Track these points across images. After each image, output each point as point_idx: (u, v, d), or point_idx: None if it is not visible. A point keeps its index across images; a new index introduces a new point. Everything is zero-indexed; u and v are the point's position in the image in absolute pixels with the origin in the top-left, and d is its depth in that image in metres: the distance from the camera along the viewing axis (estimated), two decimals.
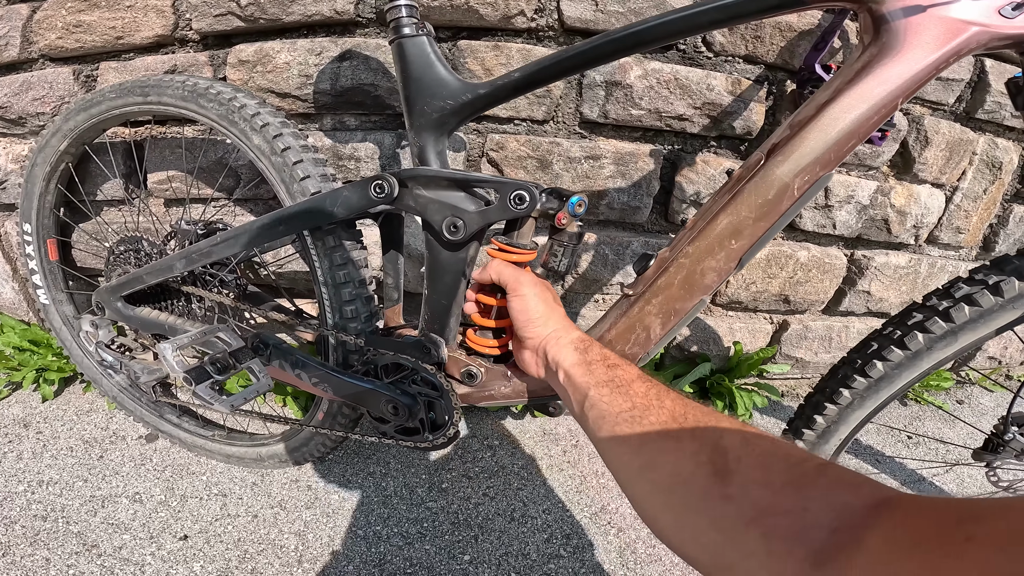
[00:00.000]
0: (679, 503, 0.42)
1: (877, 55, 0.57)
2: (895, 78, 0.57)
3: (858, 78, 0.58)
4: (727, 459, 0.40)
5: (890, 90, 0.57)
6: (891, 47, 0.57)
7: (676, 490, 0.42)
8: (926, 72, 0.57)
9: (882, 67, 0.57)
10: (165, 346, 0.68)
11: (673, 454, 0.44)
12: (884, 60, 0.57)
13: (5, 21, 1.18)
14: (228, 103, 0.87)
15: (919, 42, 0.56)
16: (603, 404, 0.52)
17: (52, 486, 1.14)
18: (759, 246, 0.63)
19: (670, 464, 0.43)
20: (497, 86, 0.71)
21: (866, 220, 1.31)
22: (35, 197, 1.10)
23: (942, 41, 0.55)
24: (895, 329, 0.76)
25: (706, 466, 0.40)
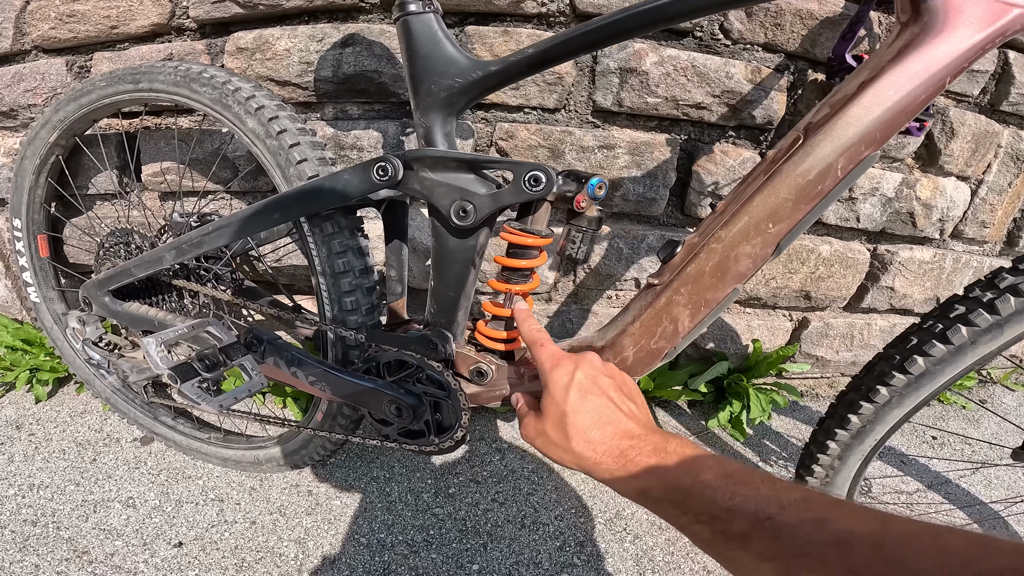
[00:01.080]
0: None
1: (919, 34, 0.56)
2: (941, 57, 0.55)
3: (901, 57, 0.56)
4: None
5: (937, 69, 0.56)
6: (933, 26, 0.55)
7: None
8: (971, 53, 0.55)
9: (926, 46, 0.56)
10: (149, 340, 0.64)
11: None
12: (927, 39, 0.55)
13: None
14: (222, 87, 0.83)
15: (962, 22, 0.55)
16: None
17: (43, 490, 1.10)
18: (798, 231, 0.59)
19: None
20: (510, 63, 0.67)
21: (891, 213, 1.26)
22: (25, 191, 1.07)
23: (986, 22, 0.55)
24: (936, 322, 0.71)
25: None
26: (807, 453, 0.89)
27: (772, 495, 0.39)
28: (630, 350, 0.66)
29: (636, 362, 0.67)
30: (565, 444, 0.52)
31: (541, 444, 0.56)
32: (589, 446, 0.50)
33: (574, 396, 0.53)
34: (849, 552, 0.34)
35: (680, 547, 1.05)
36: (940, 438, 1.45)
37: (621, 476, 0.47)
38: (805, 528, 0.36)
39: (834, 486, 0.87)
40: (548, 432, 0.54)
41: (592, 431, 0.51)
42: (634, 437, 0.49)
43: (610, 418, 0.51)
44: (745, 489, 0.40)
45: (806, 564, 0.35)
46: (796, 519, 0.37)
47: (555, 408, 0.54)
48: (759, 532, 0.38)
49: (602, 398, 0.53)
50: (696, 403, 1.47)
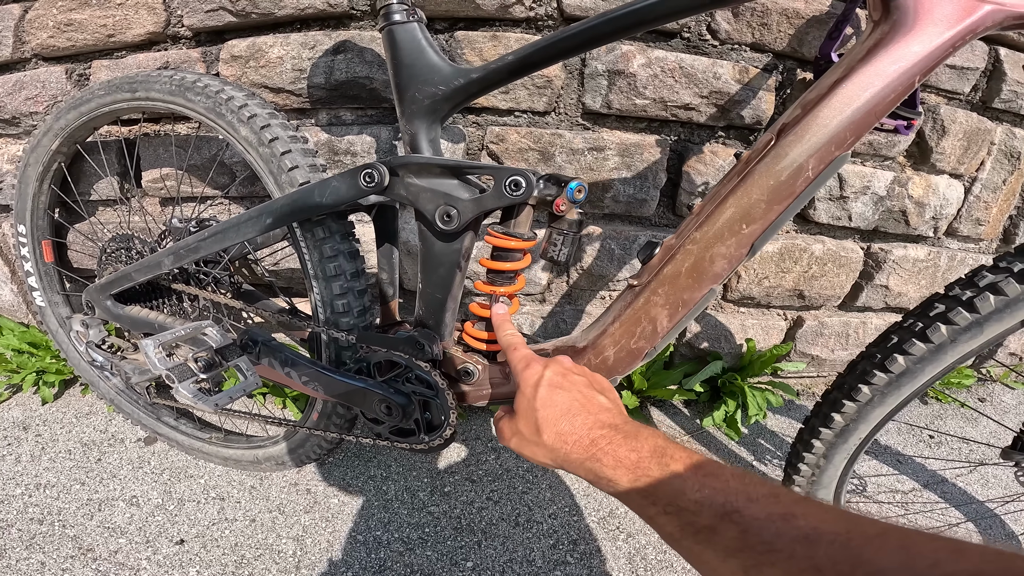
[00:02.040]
0: None
1: (889, 32, 0.56)
2: (910, 56, 0.55)
3: (871, 56, 0.57)
4: None
5: (906, 68, 0.56)
6: (903, 24, 0.55)
7: None
8: (941, 51, 0.55)
9: (895, 44, 0.56)
10: (147, 342, 0.66)
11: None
12: (897, 37, 0.56)
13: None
14: (215, 95, 0.85)
15: (932, 19, 0.55)
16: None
17: (49, 489, 1.13)
18: (772, 231, 0.59)
19: None
20: (491, 70, 0.68)
21: (883, 212, 1.26)
22: (29, 198, 1.09)
23: (955, 19, 0.54)
24: (916, 321, 0.72)
25: None
26: (794, 452, 0.90)
27: (741, 489, 0.39)
28: (611, 350, 0.68)
29: (617, 362, 0.68)
30: (537, 439, 0.52)
31: (516, 444, 0.56)
32: (560, 438, 0.50)
33: (543, 392, 0.54)
34: (815, 549, 0.34)
35: None
36: (936, 437, 1.45)
37: (591, 467, 0.47)
38: (773, 523, 0.36)
39: (820, 485, 0.87)
40: (521, 430, 0.54)
41: (562, 423, 0.51)
42: (604, 427, 0.49)
43: (579, 410, 0.52)
44: (714, 482, 0.40)
45: (772, 559, 0.35)
46: (764, 514, 0.37)
47: (526, 405, 0.54)
48: (726, 525, 0.37)
49: (571, 392, 0.54)
50: (691, 402, 1.48)
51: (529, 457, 0.55)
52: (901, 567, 0.31)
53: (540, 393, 0.53)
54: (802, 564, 0.34)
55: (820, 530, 0.34)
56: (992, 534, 1.15)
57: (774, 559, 0.35)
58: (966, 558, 0.29)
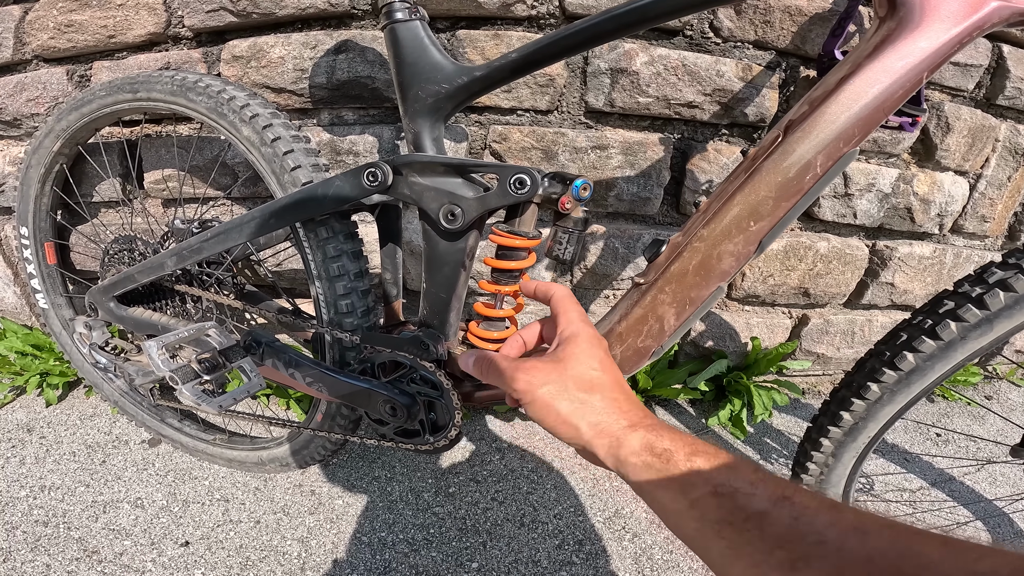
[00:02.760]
0: None
1: (896, 28, 0.56)
2: (918, 52, 0.55)
3: (878, 52, 0.56)
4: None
5: (913, 64, 0.55)
6: (909, 21, 0.55)
7: None
8: (948, 47, 0.55)
9: (902, 41, 0.55)
10: (151, 344, 0.66)
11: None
12: (904, 34, 0.55)
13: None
14: (217, 95, 0.85)
15: (939, 16, 0.54)
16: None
17: (54, 491, 1.13)
18: (780, 228, 0.59)
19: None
20: (494, 68, 0.68)
21: (888, 209, 1.25)
22: (31, 200, 1.09)
23: (962, 15, 0.54)
24: (926, 318, 0.71)
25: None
26: (802, 450, 0.89)
27: (788, 483, 0.38)
28: (617, 349, 0.67)
29: (624, 360, 0.68)
30: (585, 396, 0.46)
31: (549, 393, 0.47)
32: (615, 404, 0.46)
33: (603, 356, 0.50)
34: (866, 539, 0.33)
35: (679, 545, 1.05)
36: (944, 435, 1.45)
37: (642, 438, 0.43)
38: (825, 512, 0.35)
39: (829, 483, 0.87)
40: (567, 381, 0.48)
41: (617, 392, 0.47)
42: (651, 417, 0.46)
43: (630, 391, 0.49)
44: (763, 472, 0.39)
45: (822, 551, 0.33)
46: (814, 503, 0.35)
47: (583, 357, 0.49)
48: (779, 511, 0.35)
49: (620, 373, 0.51)
50: (697, 401, 1.47)
51: (559, 411, 0.47)
52: (949, 558, 0.30)
53: (601, 355, 0.50)
54: (855, 555, 0.32)
55: (868, 523, 0.33)
56: (1001, 533, 1.14)
57: (824, 551, 0.33)
58: (1007, 557, 0.29)
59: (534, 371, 0.49)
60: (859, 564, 0.32)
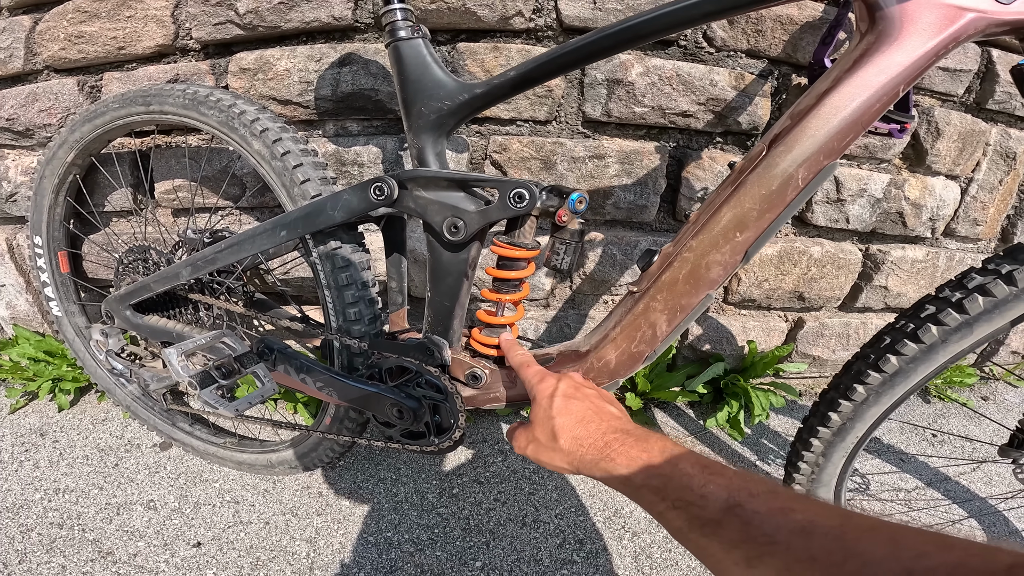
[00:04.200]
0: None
1: (875, 43, 0.58)
2: (894, 66, 0.57)
3: (857, 66, 0.58)
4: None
5: (890, 78, 0.57)
6: (888, 35, 0.57)
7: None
8: (925, 60, 0.57)
9: (880, 55, 0.57)
10: (171, 351, 0.69)
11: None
12: (882, 48, 0.57)
13: (8, 33, 1.19)
14: (228, 110, 0.87)
15: (916, 29, 0.56)
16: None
17: (68, 494, 1.15)
18: (765, 238, 0.62)
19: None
20: (493, 85, 0.71)
21: (880, 214, 1.28)
22: (44, 210, 1.12)
23: (939, 28, 0.56)
24: (908, 322, 0.74)
25: None
26: (794, 451, 0.92)
27: (743, 485, 0.42)
28: (612, 354, 0.70)
29: (619, 365, 0.70)
30: (553, 444, 0.56)
31: (532, 450, 0.60)
32: (576, 442, 0.55)
33: (559, 402, 0.59)
34: (811, 540, 0.36)
35: (677, 544, 1.07)
36: (939, 436, 1.47)
37: (606, 467, 0.51)
38: (773, 517, 0.38)
39: (820, 483, 0.89)
40: (538, 437, 0.59)
41: (577, 428, 0.55)
42: (616, 431, 0.53)
43: (592, 417, 0.56)
44: (718, 479, 0.43)
45: (772, 550, 0.37)
46: (764, 508, 0.39)
47: (543, 414, 0.59)
48: (730, 519, 0.40)
49: (584, 402, 0.58)
50: (695, 404, 1.50)
51: (545, 462, 0.58)
52: (889, 558, 0.32)
53: (556, 403, 0.58)
54: (799, 554, 0.36)
55: (816, 523, 0.37)
56: (996, 531, 1.16)
57: (774, 550, 0.37)
58: (951, 551, 0.31)
59: (518, 438, 0.63)
60: (804, 563, 0.35)
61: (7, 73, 1.24)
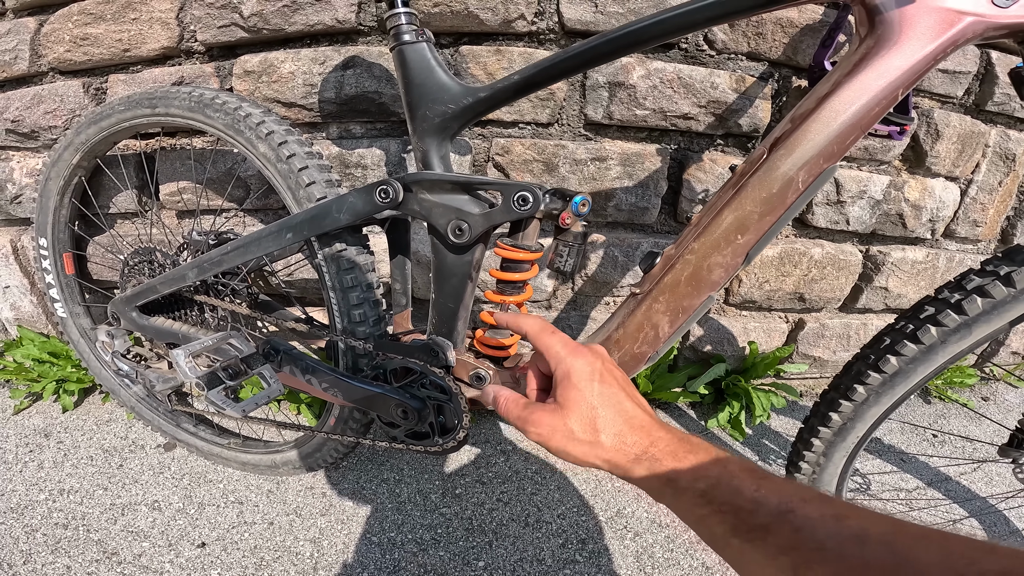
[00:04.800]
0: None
1: (874, 47, 0.58)
2: (893, 70, 0.57)
3: (856, 70, 0.59)
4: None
5: (889, 81, 0.58)
6: (887, 39, 0.57)
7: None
8: (923, 63, 0.57)
9: (879, 59, 0.58)
10: (178, 352, 0.69)
11: None
12: (881, 52, 0.58)
13: (13, 35, 1.20)
14: (233, 112, 0.88)
15: (914, 33, 0.56)
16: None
17: (73, 494, 1.16)
18: (765, 240, 0.63)
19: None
20: (497, 89, 0.71)
21: (880, 215, 1.29)
22: (50, 211, 1.12)
23: (937, 32, 0.56)
24: (907, 323, 0.75)
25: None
26: (795, 450, 0.93)
27: (794, 491, 0.40)
28: (615, 354, 0.71)
29: (621, 365, 0.71)
30: (592, 437, 0.49)
31: (560, 441, 0.50)
32: (619, 438, 0.49)
33: (599, 389, 0.51)
34: (864, 548, 0.35)
35: (679, 544, 1.08)
36: (940, 436, 1.47)
37: (649, 467, 0.47)
38: (825, 523, 0.37)
39: (821, 482, 0.90)
40: (571, 427, 0.50)
41: (621, 424, 0.49)
42: (660, 430, 0.49)
43: (633, 413, 0.50)
44: (768, 483, 0.41)
45: (823, 557, 0.36)
46: (817, 513, 0.38)
47: (581, 400, 0.50)
48: (780, 524, 0.38)
49: (621, 393, 0.52)
50: (696, 404, 1.50)
51: (575, 456, 0.50)
52: (941, 564, 0.32)
53: (597, 389, 0.51)
54: (852, 562, 0.35)
55: (868, 530, 0.36)
56: (997, 531, 1.17)
57: (825, 557, 0.36)
58: (999, 558, 0.31)
59: (541, 424, 0.52)
60: (857, 570, 0.35)
61: (12, 75, 1.24)
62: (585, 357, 0.53)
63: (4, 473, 1.22)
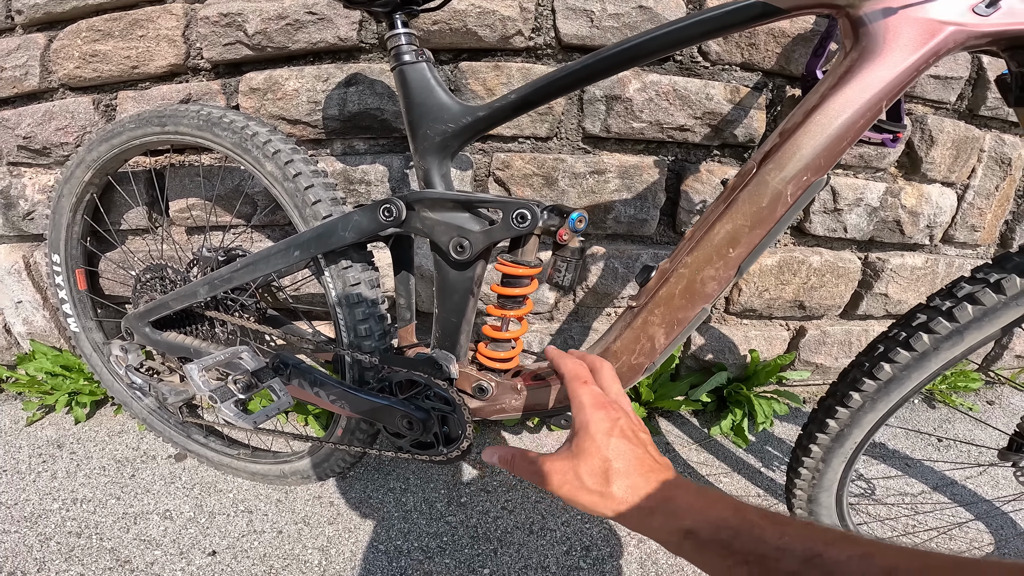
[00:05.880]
0: None
1: (858, 59, 0.59)
2: (877, 82, 0.59)
3: (842, 83, 0.60)
4: None
5: (873, 94, 0.59)
6: (871, 50, 0.58)
7: None
8: (907, 74, 0.58)
9: (864, 71, 0.59)
10: (192, 367, 0.72)
11: None
12: (865, 64, 0.59)
13: (23, 51, 1.22)
14: (241, 131, 0.90)
15: (898, 44, 0.57)
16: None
17: (86, 504, 1.18)
18: (757, 253, 0.64)
19: None
20: (495, 108, 0.74)
21: (877, 222, 1.30)
22: (63, 228, 1.14)
23: (920, 42, 0.57)
24: (900, 331, 0.76)
25: None
26: (795, 457, 0.94)
27: (816, 534, 0.40)
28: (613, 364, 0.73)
29: (620, 376, 0.72)
30: (603, 488, 0.50)
31: (570, 490, 0.52)
32: (632, 491, 0.49)
33: (616, 443, 0.52)
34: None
35: None
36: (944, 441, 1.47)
37: (666, 520, 0.47)
38: (853, 564, 0.36)
39: (822, 487, 0.91)
40: (583, 476, 0.51)
41: (637, 477, 0.50)
42: (678, 484, 0.49)
43: (653, 466, 0.51)
44: (791, 529, 0.41)
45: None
46: (844, 555, 0.37)
47: (595, 452, 0.51)
48: (810, 570, 0.38)
49: (640, 448, 0.52)
50: (699, 412, 1.51)
51: (583, 504, 0.51)
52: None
53: (614, 443, 0.52)
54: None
55: (899, 567, 0.35)
56: (1004, 534, 1.17)
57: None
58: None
59: (552, 473, 0.53)
60: None
61: (23, 91, 1.26)
62: (606, 410, 0.54)
63: (18, 483, 1.24)
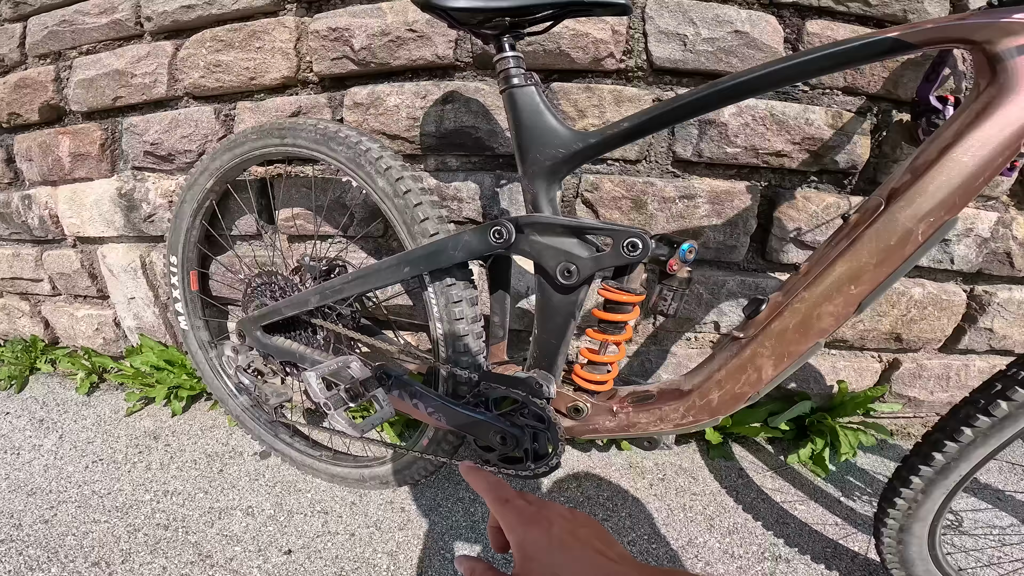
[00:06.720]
0: None
1: (996, 96, 0.58)
2: (1016, 120, 0.57)
3: (979, 121, 0.59)
4: None
5: (1012, 132, 0.57)
6: (1009, 88, 0.57)
7: None
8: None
9: (1003, 108, 0.57)
10: (310, 374, 0.76)
11: None
12: (1004, 102, 0.57)
13: (152, 58, 1.31)
14: (355, 146, 0.94)
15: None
16: None
17: (176, 496, 1.24)
18: (880, 291, 0.62)
19: None
20: (607, 135, 0.75)
21: (987, 254, 1.22)
22: (182, 232, 1.22)
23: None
24: (1020, 370, 0.73)
25: None
26: (890, 487, 0.90)
27: None
28: (715, 393, 0.72)
29: (721, 404, 0.72)
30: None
31: None
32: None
33: (558, 555, 0.46)
34: None
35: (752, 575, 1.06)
36: None
37: None
38: None
39: (917, 518, 0.88)
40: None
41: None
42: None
43: (605, 568, 0.45)
44: None
45: None
46: None
47: (540, 572, 0.46)
48: None
49: (586, 550, 0.47)
50: (775, 439, 1.46)
51: None
52: None
53: (555, 558, 0.46)
54: None
55: None
56: None
57: None
58: None
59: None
60: None
61: (151, 98, 1.35)
62: (540, 527, 0.48)
63: (113, 472, 1.32)
